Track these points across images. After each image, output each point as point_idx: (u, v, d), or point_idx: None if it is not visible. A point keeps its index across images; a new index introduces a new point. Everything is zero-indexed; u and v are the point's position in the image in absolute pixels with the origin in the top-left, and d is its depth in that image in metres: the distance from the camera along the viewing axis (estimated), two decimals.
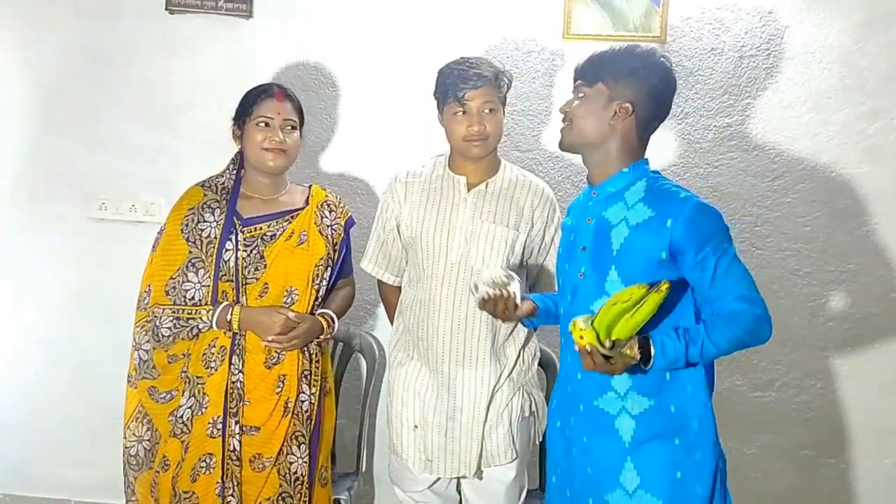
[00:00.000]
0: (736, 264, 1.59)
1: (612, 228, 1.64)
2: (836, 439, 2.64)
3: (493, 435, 2.05)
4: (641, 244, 1.60)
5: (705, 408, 1.64)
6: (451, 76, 1.97)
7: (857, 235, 2.57)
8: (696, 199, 1.60)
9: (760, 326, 1.59)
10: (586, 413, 1.67)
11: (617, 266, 1.62)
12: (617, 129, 1.65)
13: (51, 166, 2.76)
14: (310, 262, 2.06)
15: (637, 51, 1.68)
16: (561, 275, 1.79)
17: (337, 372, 2.62)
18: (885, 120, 2.54)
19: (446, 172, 2.08)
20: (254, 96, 2.06)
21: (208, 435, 1.98)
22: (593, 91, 1.66)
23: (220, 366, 1.99)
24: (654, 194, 1.63)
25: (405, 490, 2.16)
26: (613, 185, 1.67)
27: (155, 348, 2.00)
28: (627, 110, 1.64)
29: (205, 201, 2.04)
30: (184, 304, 1.98)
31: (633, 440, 1.62)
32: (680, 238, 1.56)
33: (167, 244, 2.03)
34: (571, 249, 1.73)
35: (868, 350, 2.59)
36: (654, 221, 1.59)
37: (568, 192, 2.64)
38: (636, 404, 1.62)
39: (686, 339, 1.56)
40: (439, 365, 2.04)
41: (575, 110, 1.69)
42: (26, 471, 2.86)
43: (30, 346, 2.82)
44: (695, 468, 1.61)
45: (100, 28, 2.69)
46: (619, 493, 1.62)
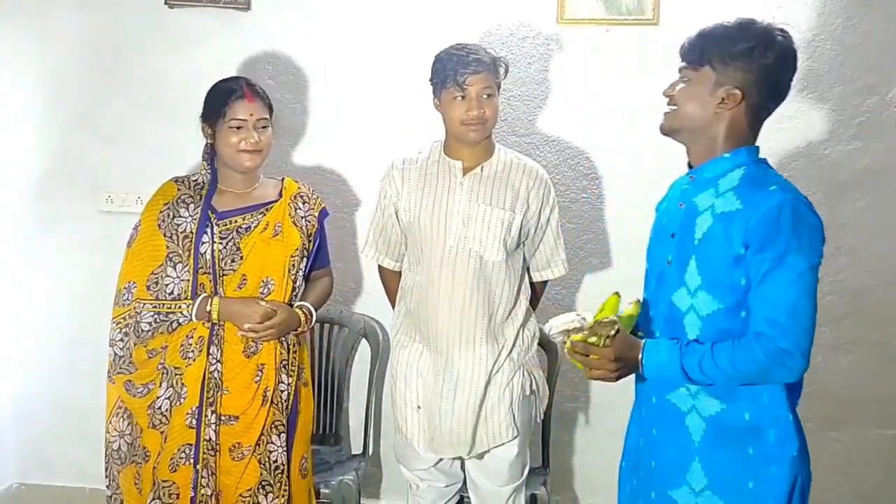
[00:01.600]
0: (794, 282, 1.43)
1: (699, 215, 1.53)
2: (838, 412, 2.66)
3: (494, 414, 2.09)
4: (722, 236, 1.48)
5: (786, 421, 1.52)
6: (451, 61, 2.00)
7: (854, 210, 2.59)
8: (786, 196, 1.46)
9: (778, 364, 1.44)
10: (658, 405, 1.61)
11: (697, 256, 1.52)
12: (723, 117, 1.52)
13: (57, 161, 2.80)
14: (285, 253, 2.09)
15: (749, 28, 1.51)
16: (649, 259, 1.69)
17: (342, 357, 2.67)
18: (879, 96, 2.56)
19: (442, 157, 2.11)
20: (223, 97, 2.05)
21: (187, 425, 2.01)
22: (699, 75, 1.53)
23: (199, 356, 2.01)
24: (747, 184, 1.50)
25: (411, 469, 2.21)
26: (710, 170, 1.55)
27: (135, 344, 2.03)
28: (736, 98, 1.50)
29: (178, 196, 2.07)
30: (164, 299, 2.01)
31: (702, 441, 1.54)
32: (751, 231, 1.44)
33: (145, 240, 2.06)
34: (661, 233, 1.64)
35: (867, 322, 2.62)
36: (739, 214, 1.47)
37: (565, 176, 2.67)
38: (707, 406, 1.54)
39: (684, 348, 1.49)
40: (440, 346, 2.08)
41: (678, 95, 1.56)
42: (42, 460, 2.93)
43: (43, 338, 2.88)
44: (769, 482, 1.51)
45: (103, 23, 2.73)
46: (684, 490, 1.56)
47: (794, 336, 1.43)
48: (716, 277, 1.50)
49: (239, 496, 2.05)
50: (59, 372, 2.88)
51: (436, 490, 2.21)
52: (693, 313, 1.54)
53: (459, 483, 2.25)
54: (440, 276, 2.06)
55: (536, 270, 2.19)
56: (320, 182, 2.69)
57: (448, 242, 2.05)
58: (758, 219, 1.44)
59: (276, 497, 2.07)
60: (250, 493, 2.05)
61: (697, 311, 1.53)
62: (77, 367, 2.84)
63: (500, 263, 2.06)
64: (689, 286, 1.53)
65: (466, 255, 2.04)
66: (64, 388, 2.88)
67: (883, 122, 2.56)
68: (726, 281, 1.49)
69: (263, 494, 2.06)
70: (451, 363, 2.07)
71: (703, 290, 1.52)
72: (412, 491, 2.24)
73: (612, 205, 2.68)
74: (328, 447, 2.63)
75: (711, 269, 1.50)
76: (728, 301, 1.50)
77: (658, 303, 1.61)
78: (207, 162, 2.12)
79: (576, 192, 2.68)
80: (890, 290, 2.60)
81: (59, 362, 2.87)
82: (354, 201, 2.74)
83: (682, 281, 1.54)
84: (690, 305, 1.54)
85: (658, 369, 1.54)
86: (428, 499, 2.22)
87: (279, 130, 2.70)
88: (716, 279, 1.50)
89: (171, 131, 2.74)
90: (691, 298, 1.54)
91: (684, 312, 1.55)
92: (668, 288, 1.58)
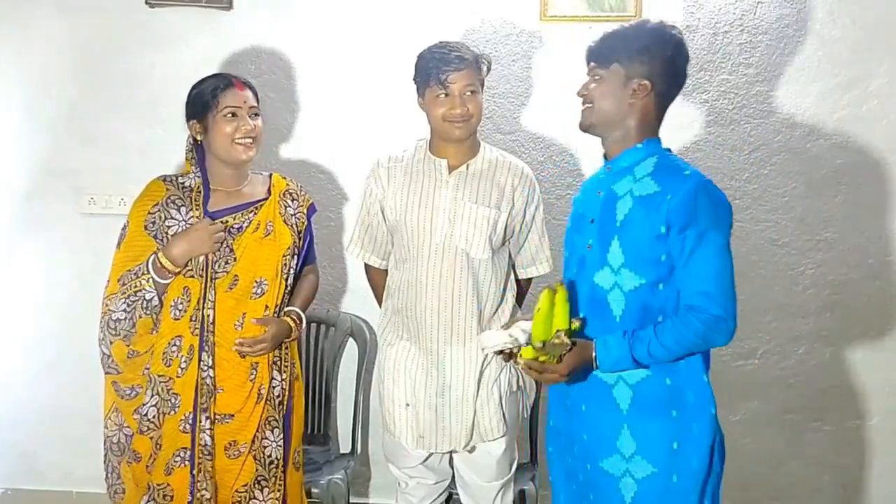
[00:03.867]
0: (717, 255, 1.58)
1: (619, 200, 1.67)
2: (821, 403, 2.70)
3: (484, 410, 2.10)
4: (643, 217, 1.62)
5: (701, 383, 1.66)
6: (433, 59, 2.00)
7: (834, 204, 2.63)
8: (700, 179, 1.62)
9: (714, 330, 1.58)
10: (586, 382, 1.71)
11: (619, 237, 1.65)
12: (636, 107, 1.67)
13: (39, 163, 2.78)
14: (278, 253, 2.07)
15: (648, 27, 1.70)
16: (568, 246, 1.82)
17: (330, 356, 2.67)
18: (860, 90, 2.59)
19: (427, 156, 2.12)
20: (212, 88, 2.01)
21: (181, 430, 2.00)
22: (609, 72, 1.68)
23: (189, 365, 1.99)
24: (662, 170, 1.66)
25: (399, 466, 2.22)
26: (626, 159, 1.69)
27: (113, 342, 2.00)
28: (646, 87, 1.66)
29: (168, 197, 2.02)
30: (129, 280, 1.98)
31: (630, 408, 1.66)
32: (672, 212, 1.58)
33: (131, 241, 2.02)
34: (580, 221, 1.77)
35: (848, 314, 2.65)
36: (657, 196, 1.61)
37: (550, 173, 2.69)
38: (632, 374, 1.65)
39: (631, 340, 1.61)
40: (428, 344, 2.09)
41: (593, 92, 1.70)
42: (29, 464, 2.91)
43: (27, 341, 2.86)
44: (691, 441, 1.64)
45: (83, 24, 2.71)
46: (615, 458, 1.67)
47: (723, 302, 1.58)
48: (639, 255, 1.63)
49: (235, 492, 2.06)
50: (43, 375, 2.86)
51: (424, 487, 2.22)
52: (617, 289, 1.66)
53: (448, 480, 2.25)
54: (427, 274, 2.06)
55: (521, 268, 2.20)
56: (306, 180, 2.68)
57: (434, 240, 2.06)
58: (678, 201, 1.59)
59: (271, 491, 2.08)
60: (246, 488, 2.06)
61: (621, 286, 1.65)
62: (62, 371, 2.83)
63: (487, 261, 2.07)
64: (612, 265, 1.65)
65: (453, 252, 2.05)
66: (48, 392, 2.86)
67: (863, 116, 2.59)
68: (648, 257, 1.62)
69: (259, 489, 2.07)
70: (441, 360, 2.08)
71: (626, 268, 1.64)
72: (401, 489, 2.25)
73: None
74: (317, 446, 2.63)
75: (634, 247, 1.63)
76: (650, 276, 1.63)
77: (581, 284, 1.72)
78: (195, 163, 2.07)
79: (561, 189, 2.70)
80: (869, 283, 2.64)
81: (43, 365, 2.86)
82: (341, 199, 2.75)
83: (604, 261, 1.67)
84: (614, 283, 1.66)
85: (612, 364, 1.64)
86: (417, 496, 2.23)
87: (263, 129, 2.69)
88: (638, 256, 1.63)
89: (154, 131, 2.73)
90: (614, 276, 1.66)
91: (608, 290, 1.67)
92: (589, 269, 1.70)
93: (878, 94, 2.58)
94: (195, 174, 2.06)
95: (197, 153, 2.07)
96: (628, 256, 1.64)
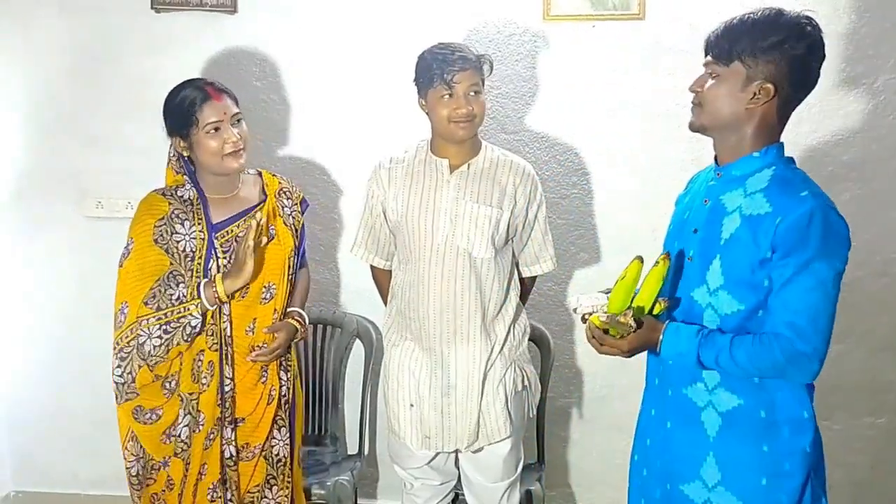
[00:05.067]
0: (816, 288, 1.42)
1: (726, 215, 1.51)
2: (829, 401, 2.67)
3: (490, 411, 2.09)
4: (749, 239, 1.47)
5: (798, 417, 1.53)
6: (436, 60, 2.00)
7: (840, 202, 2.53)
8: (817, 202, 1.44)
9: (794, 365, 1.45)
10: (674, 399, 1.61)
11: (722, 256, 1.51)
12: (755, 113, 1.49)
13: (45, 167, 2.79)
14: (283, 256, 2.06)
15: (781, 19, 1.47)
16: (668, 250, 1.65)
17: (337, 358, 2.67)
18: (866, 85, 2.56)
19: (428, 156, 2.11)
20: (188, 103, 1.93)
21: (204, 448, 1.99)
22: (729, 71, 1.48)
23: (212, 381, 1.98)
24: (777, 187, 1.48)
25: (404, 467, 2.21)
26: (739, 168, 1.52)
27: (139, 367, 1.92)
28: (769, 92, 1.47)
29: (172, 211, 1.96)
30: (167, 305, 1.91)
31: (718, 435, 1.55)
32: (780, 236, 1.43)
33: (140, 257, 1.94)
34: (683, 228, 1.63)
35: (856, 313, 2.62)
36: (767, 218, 1.45)
37: (554, 172, 2.68)
38: (724, 401, 1.54)
39: (702, 339, 1.50)
40: (432, 344, 2.08)
41: (707, 92, 1.52)
42: (36, 467, 2.93)
43: (34, 343, 2.87)
44: (783, 479, 1.52)
45: (88, 27, 2.71)
46: (697, 484, 1.57)
47: (812, 341, 1.44)
48: (740, 278, 1.49)
49: (247, 493, 2.07)
50: (48, 377, 2.87)
51: (430, 488, 2.22)
52: (711, 311, 1.54)
53: (454, 481, 2.25)
54: (429, 274, 2.06)
55: (525, 266, 2.20)
56: (310, 182, 2.69)
57: (436, 240, 2.06)
58: (788, 225, 1.43)
59: (280, 489, 2.09)
60: (258, 488, 2.07)
61: (716, 309, 1.53)
62: (67, 373, 2.85)
63: (489, 260, 2.06)
64: (709, 285, 1.53)
65: (455, 252, 2.05)
66: (53, 394, 2.88)
67: (869, 112, 2.57)
68: (750, 282, 1.49)
69: (269, 488, 2.08)
70: (445, 360, 2.08)
71: (724, 290, 1.52)
72: (406, 490, 2.25)
73: (602, 199, 2.69)
74: (324, 448, 2.64)
75: (736, 271, 1.49)
76: (749, 302, 1.51)
77: (680, 295, 1.60)
78: (185, 174, 2.00)
79: (566, 187, 2.69)
80: (877, 281, 2.62)
81: (47, 368, 2.87)
82: (345, 201, 2.75)
83: (703, 279, 1.54)
84: (709, 304, 1.54)
85: (675, 356, 1.54)
86: (423, 497, 2.23)
87: (267, 132, 2.71)
88: (739, 280, 1.50)
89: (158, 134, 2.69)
90: (710, 297, 1.54)
91: (703, 308, 1.55)
92: (688, 283, 1.58)
93: (885, 90, 2.56)
94: (189, 186, 2.00)
95: (184, 163, 2.01)
96: (728, 279, 1.50)
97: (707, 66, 1.54)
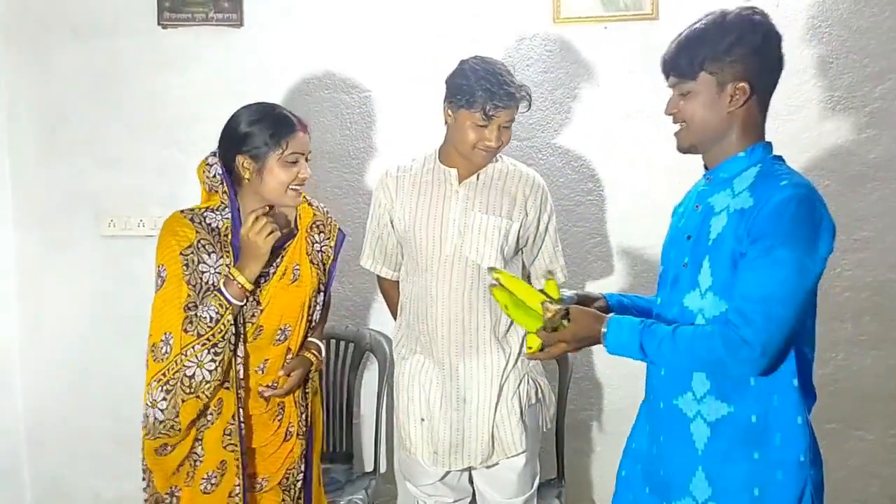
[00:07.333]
0: (775, 275, 1.35)
1: (714, 216, 1.48)
2: (863, 411, 2.57)
3: (505, 424, 2.03)
4: (732, 234, 1.42)
5: (793, 424, 1.45)
6: (482, 87, 1.89)
7: (869, 201, 2.51)
8: (797, 190, 1.39)
9: (734, 356, 1.37)
10: (666, 411, 1.55)
11: (710, 256, 1.46)
12: (738, 114, 1.47)
13: (58, 186, 2.79)
14: (303, 298, 1.91)
15: (728, 19, 1.47)
16: (664, 262, 1.62)
17: (351, 373, 2.63)
18: (892, 80, 2.47)
19: (437, 165, 2.07)
20: (284, 127, 1.81)
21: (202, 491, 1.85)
22: (698, 84, 1.47)
23: (217, 419, 1.84)
24: (761, 181, 1.45)
25: (417, 484, 2.16)
26: (726, 170, 1.50)
27: (184, 400, 1.76)
28: (745, 90, 1.45)
29: (199, 241, 1.80)
30: (207, 329, 1.77)
31: (706, 448, 1.48)
32: (755, 225, 1.39)
33: (177, 284, 1.79)
34: (677, 236, 1.59)
35: (889, 317, 2.52)
36: (749, 211, 1.41)
37: (568, 179, 2.61)
38: (713, 410, 1.47)
39: (645, 328, 1.46)
40: (442, 357, 2.03)
41: (685, 111, 1.50)
42: (58, 487, 2.91)
43: (52, 364, 2.86)
44: (775, 488, 1.45)
45: (98, 48, 2.72)
46: (688, 501, 1.50)
47: (760, 330, 1.36)
48: (724, 277, 1.43)
49: None
50: (68, 398, 2.86)
51: None
52: (701, 316, 1.48)
53: (468, 497, 2.19)
54: (437, 286, 2.01)
55: (536, 278, 2.14)
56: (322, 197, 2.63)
57: (444, 252, 2.01)
58: (764, 213, 1.38)
59: None
60: None
61: (704, 313, 1.47)
62: (88, 393, 2.84)
63: None
64: (701, 288, 1.47)
65: (464, 264, 2.00)
66: (75, 415, 2.87)
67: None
68: (732, 280, 1.43)
69: None
70: (455, 373, 2.03)
71: (711, 292, 1.46)
72: None
73: (617, 206, 2.62)
74: (339, 465, 2.59)
75: (721, 269, 1.44)
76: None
77: (671, 306, 1.54)
78: (226, 195, 1.83)
79: (580, 194, 2.62)
80: None
81: (68, 388, 2.86)
82: (358, 214, 2.70)
83: (695, 283, 1.48)
84: (700, 308, 1.48)
85: (618, 347, 1.50)
86: None
87: None
88: (724, 279, 1.44)
89: (170, 152, 2.73)
90: (701, 300, 1.48)
91: (695, 314, 1.48)
92: (680, 291, 1.52)
93: None
94: (223, 215, 1.84)
95: (228, 184, 1.83)
96: (715, 279, 1.44)
97: (675, 88, 1.53)
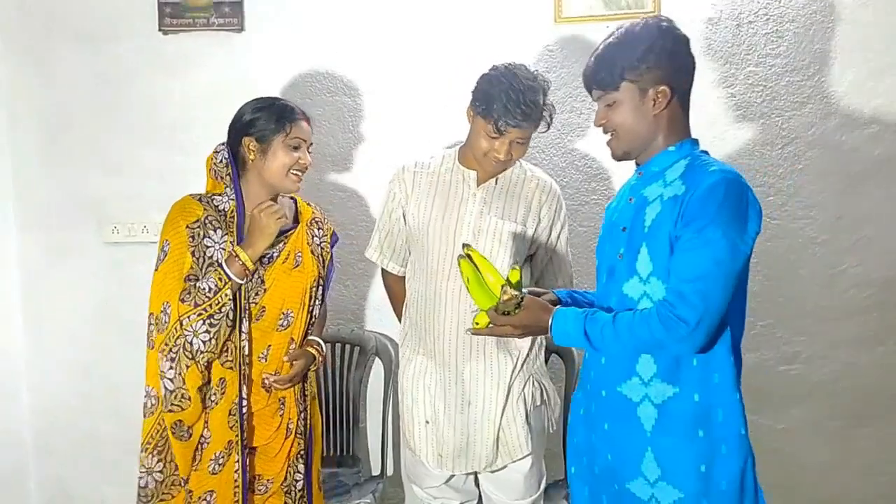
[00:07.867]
0: (707, 254, 1.43)
1: (648, 205, 1.56)
2: (869, 409, 2.56)
3: (511, 427, 2.03)
4: (667, 219, 1.51)
5: (732, 400, 1.54)
6: (501, 101, 1.87)
7: (874, 199, 2.49)
8: (726, 176, 1.47)
9: (671, 334, 1.45)
10: (609, 399, 1.61)
11: (647, 243, 1.53)
12: (663, 116, 1.57)
13: (62, 193, 2.80)
14: (304, 284, 2.00)
15: (637, 30, 1.58)
16: (599, 255, 1.70)
17: (357, 376, 2.62)
18: (895, 76, 2.46)
19: (456, 166, 2.06)
20: (287, 113, 1.93)
21: (210, 472, 1.91)
22: (621, 93, 1.57)
23: (221, 399, 1.90)
24: (691, 170, 1.54)
25: (422, 486, 2.16)
26: (658, 164, 1.59)
27: (188, 366, 1.85)
28: (666, 93, 1.55)
29: (206, 217, 1.90)
30: (205, 299, 1.84)
31: (654, 429, 1.55)
32: (686, 209, 1.47)
33: (178, 257, 1.87)
34: (612, 229, 1.66)
35: (893, 314, 2.51)
36: (681, 196, 1.50)
37: (572, 178, 2.61)
38: (659, 392, 1.54)
39: (588, 315, 1.54)
40: (447, 359, 2.03)
41: (614, 120, 1.59)
42: (63, 491, 2.92)
43: (59, 370, 2.87)
44: (720, 462, 1.52)
45: (100, 54, 2.72)
46: (640, 481, 1.56)
47: (696, 307, 1.44)
48: (665, 261, 1.51)
49: None
50: (73, 403, 2.87)
51: None
52: (646, 300, 1.55)
53: (474, 500, 2.19)
54: (447, 288, 2.01)
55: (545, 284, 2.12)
56: (326, 199, 2.65)
57: (456, 252, 2.00)
58: (694, 197, 1.47)
59: None
60: None
61: (650, 296, 1.54)
62: (92, 398, 2.84)
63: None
64: (640, 274, 1.55)
65: None
66: (80, 421, 2.87)
67: None
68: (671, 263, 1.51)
69: None
70: (461, 375, 2.02)
71: (654, 276, 1.53)
72: None
73: None
74: (346, 469, 2.58)
75: (660, 254, 1.52)
76: None
77: (609, 296, 1.62)
78: (229, 182, 1.95)
79: (585, 194, 2.62)
80: None
81: (72, 393, 2.87)
82: (361, 217, 2.70)
83: (633, 271, 1.56)
84: (643, 293, 1.55)
85: (563, 336, 1.58)
86: None
87: None
88: (665, 263, 1.51)
89: (173, 157, 2.73)
90: (643, 285, 1.55)
91: (637, 300, 1.56)
92: (618, 280, 1.59)
93: None
94: (229, 197, 1.95)
95: (233, 170, 1.95)
96: (656, 264, 1.52)
97: (600, 100, 1.63)
